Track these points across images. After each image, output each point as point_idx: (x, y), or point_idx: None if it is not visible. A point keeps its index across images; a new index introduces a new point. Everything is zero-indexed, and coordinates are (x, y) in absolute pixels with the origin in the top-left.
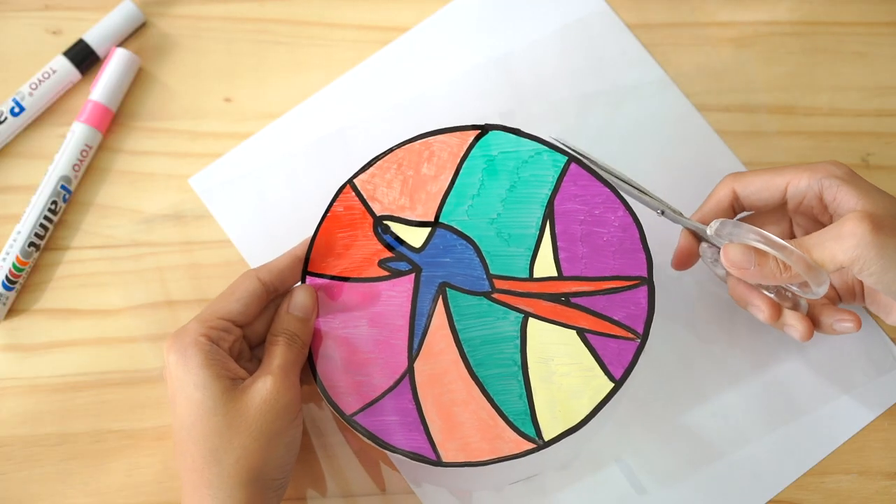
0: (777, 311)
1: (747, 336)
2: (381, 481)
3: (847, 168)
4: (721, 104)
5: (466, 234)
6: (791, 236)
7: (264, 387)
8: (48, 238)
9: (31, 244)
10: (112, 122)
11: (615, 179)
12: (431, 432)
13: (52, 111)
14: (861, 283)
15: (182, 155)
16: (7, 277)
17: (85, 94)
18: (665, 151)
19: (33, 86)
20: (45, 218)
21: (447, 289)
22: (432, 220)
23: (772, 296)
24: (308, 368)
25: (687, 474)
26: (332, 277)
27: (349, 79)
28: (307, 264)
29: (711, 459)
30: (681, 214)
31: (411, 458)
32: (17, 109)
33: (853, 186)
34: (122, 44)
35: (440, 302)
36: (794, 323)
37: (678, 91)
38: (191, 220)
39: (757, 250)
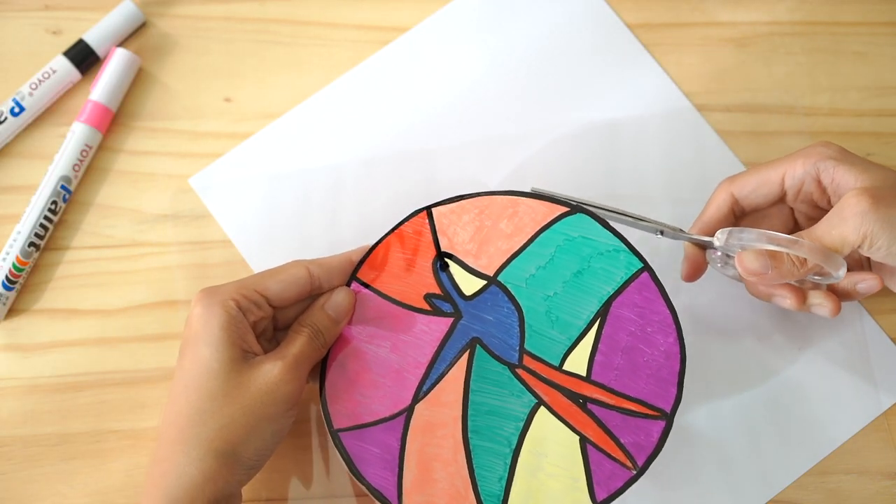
0: (802, 296)
1: (747, 336)
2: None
3: (838, 147)
4: (721, 104)
5: (518, 300)
6: (795, 226)
7: (272, 370)
8: (48, 238)
9: (31, 244)
10: (112, 122)
11: (609, 213)
12: (403, 478)
13: (52, 111)
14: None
15: (182, 155)
16: (7, 277)
17: (85, 94)
18: (665, 151)
19: (33, 86)
20: (45, 218)
21: (478, 346)
22: (492, 275)
23: (792, 281)
24: (317, 369)
25: (687, 474)
26: (377, 292)
27: (349, 79)
28: (358, 269)
29: (711, 459)
30: (681, 231)
31: (372, 495)
32: (17, 109)
33: (848, 164)
34: (122, 44)
35: (466, 356)
36: (820, 302)
37: (678, 91)
38: (191, 220)
39: (770, 252)
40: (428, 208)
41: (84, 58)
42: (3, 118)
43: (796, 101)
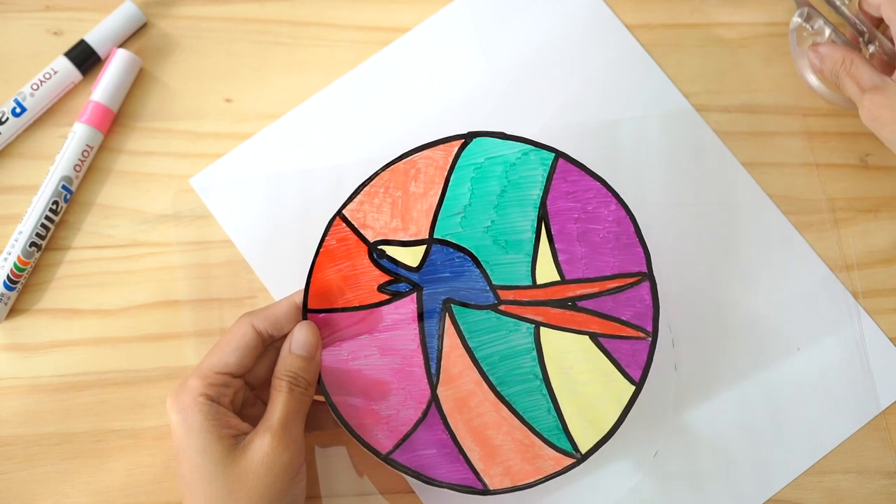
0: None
1: (746, 335)
2: (381, 481)
3: None
4: (720, 105)
5: (463, 246)
6: None
7: (262, 447)
8: (49, 238)
9: (33, 244)
10: (113, 122)
11: None
12: (472, 461)
13: (53, 111)
14: None
15: (183, 155)
16: (8, 277)
17: (86, 94)
18: (664, 152)
19: (34, 86)
20: (47, 218)
21: (452, 305)
22: (427, 237)
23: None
24: (326, 412)
25: (686, 473)
26: (335, 310)
27: (349, 79)
28: (306, 304)
29: (710, 459)
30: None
31: (458, 491)
32: (18, 110)
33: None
34: (123, 44)
35: (448, 320)
36: None
37: (677, 92)
38: (191, 220)
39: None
40: (338, 213)
41: (85, 58)
42: (4, 118)
43: (795, 101)
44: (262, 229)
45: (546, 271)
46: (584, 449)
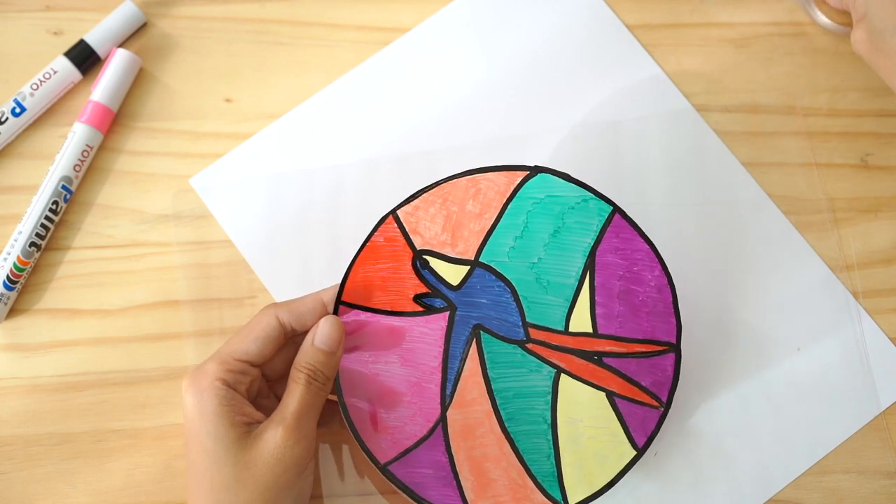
0: None
1: (746, 335)
2: (381, 482)
3: None
4: (720, 105)
5: (505, 276)
6: None
7: (274, 438)
8: (49, 238)
9: (32, 244)
10: (113, 122)
11: None
12: (464, 489)
13: (53, 111)
14: None
15: (183, 155)
16: (8, 277)
17: (86, 94)
18: (664, 152)
19: (34, 86)
20: (47, 218)
21: (482, 332)
22: (472, 258)
23: None
24: (335, 410)
25: (686, 473)
26: (365, 309)
27: (350, 79)
28: (340, 295)
29: (710, 459)
30: None
31: None
32: (18, 110)
33: None
34: (122, 44)
35: (474, 346)
36: None
37: (677, 92)
38: (191, 220)
39: None
40: (392, 212)
41: (85, 58)
42: (4, 118)
43: (795, 101)
44: (262, 229)
45: (581, 321)
46: (571, 501)
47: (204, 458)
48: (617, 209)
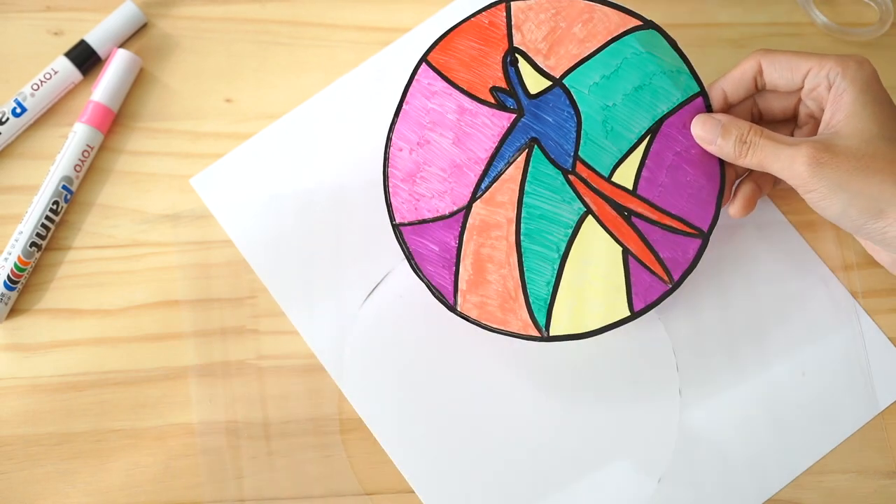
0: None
1: (746, 335)
2: (381, 481)
3: (867, 75)
4: None
5: (579, 105)
6: (795, 115)
7: None
8: (50, 238)
9: (33, 244)
10: (113, 122)
11: None
12: (459, 277)
13: (53, 112)
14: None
15: (183, 155)
16: (9, 277)
17: (86, 94)
18: None
19: (35, 86)
20: (47, 218)
21: (535, 147)
22: (557, 77)
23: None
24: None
25: (686, 473)
26: (446, 79)
27: (350, 79)
28: (429, 52)
29: (710, 458)
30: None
31: (431, 292)
32: (18, 110)
33: (857, 101)
34: (123, 45)
35: (524, 156)
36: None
37: None
38: (192, 220)
39: (724, 128)
40: (508, 1)
41: (85, 58)
42: (4, 119)
43: None
44: (262, 229)
45: (625, 175)
46: (552, 332)
47: None
48: (704, 94)
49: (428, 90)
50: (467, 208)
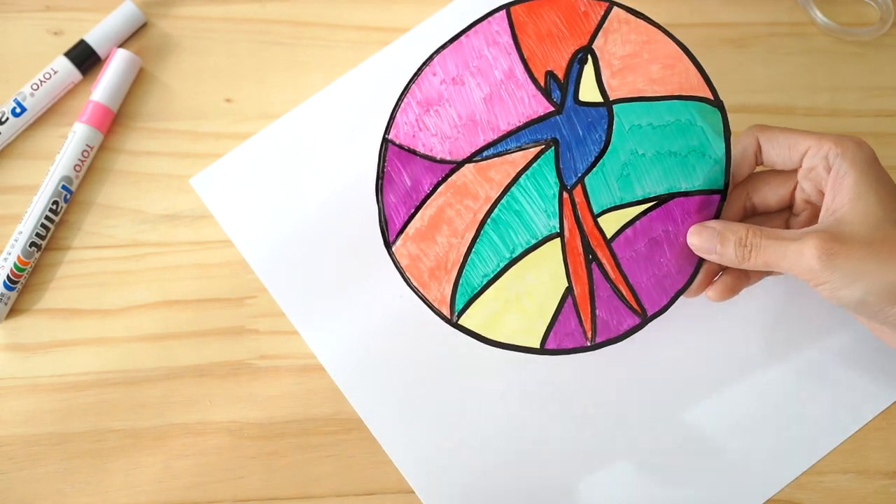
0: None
1: (745, 336)
2: (382, 481)
3: (867, 156)
4: None
5: (613, 136)
6: (792, 198)
7: None
8: (49, 238)
9: (33, 244)
10: (113, 122)
11: None
12: (410, 224)
13: (53, 111)
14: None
15: (183, 155)
16: (8, 277)
17: (86, 94)
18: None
19: (35, 86)
20: (47, 218)
21: (552, 148)
22: (612, 99)
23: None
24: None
25: (685, 472)
26: (515, 39)
27: (350, 79)
28: (515, 3)
29: (710, 458)
30: None
31: (379, 218)
32: (18, 110)
33: (860, 183)
34: (123, 44)
35: (536, 150)
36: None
37: None
38: (191, 220)
39: (720, 235)
40: (615, 4)
41: (85, 58)
42: (4, 118)
43: (795, 101)
44: (261, 229)
45: (611, 222)
46: (461, 321)
47: None
48: (724, 197)
49: (493, 37)
50: (459, 164)
